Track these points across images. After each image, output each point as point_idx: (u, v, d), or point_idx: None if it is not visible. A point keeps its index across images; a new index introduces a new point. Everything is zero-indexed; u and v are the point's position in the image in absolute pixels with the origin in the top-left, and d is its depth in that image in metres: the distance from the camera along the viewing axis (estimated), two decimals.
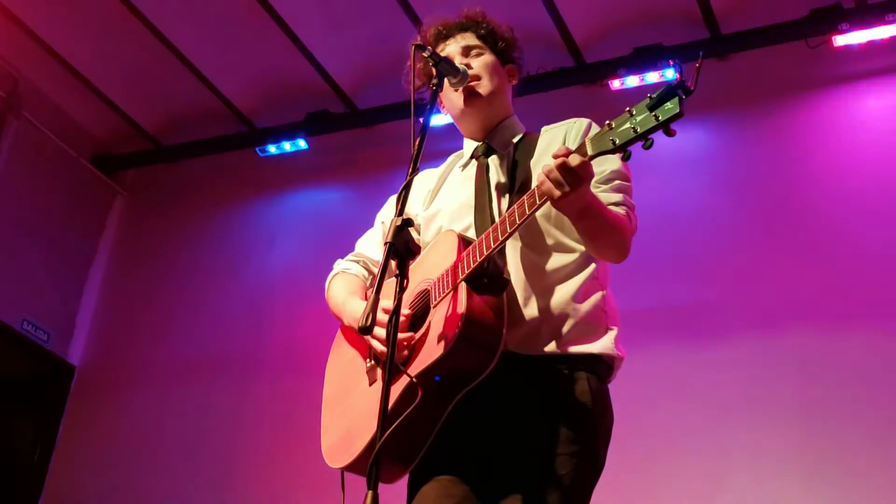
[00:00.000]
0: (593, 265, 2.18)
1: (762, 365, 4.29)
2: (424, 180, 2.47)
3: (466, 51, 2.38)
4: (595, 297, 2.14)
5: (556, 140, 2.28)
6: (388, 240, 1.90)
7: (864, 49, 4.70)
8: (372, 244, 2.49)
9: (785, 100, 4.89)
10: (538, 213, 2.04)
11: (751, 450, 4.14)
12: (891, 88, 4.76)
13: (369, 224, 2.57)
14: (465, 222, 2.22)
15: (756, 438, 4.15)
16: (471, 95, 2.32)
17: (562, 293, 2.11)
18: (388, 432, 1.73)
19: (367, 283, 2.43)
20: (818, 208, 4.56)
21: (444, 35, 2.43)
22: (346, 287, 2.39)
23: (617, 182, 2.16)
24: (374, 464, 1.70)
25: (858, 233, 4.41)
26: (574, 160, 1.82)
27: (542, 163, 2.18)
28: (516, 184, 2.21)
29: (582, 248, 2.15)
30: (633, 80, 5.01)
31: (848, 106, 4.79)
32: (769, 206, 4.67)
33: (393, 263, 1.94)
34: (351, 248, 2.54)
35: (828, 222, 4.50)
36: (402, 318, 2.07)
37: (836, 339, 4.22)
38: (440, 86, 2.27)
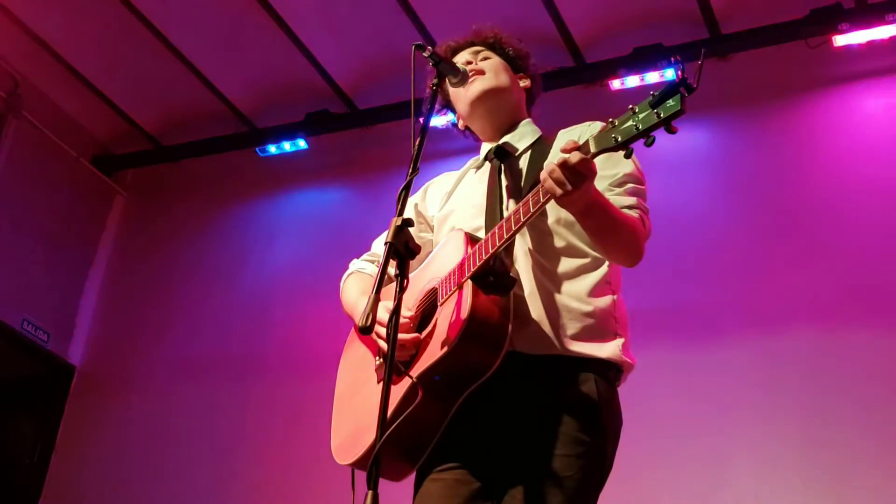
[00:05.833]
0: (605, 269, 2.16)
1: (762, 366, 4.28)
2: (443, 183, 2.50)
3: (475, 55, 2.43)
4: (605, 301, 2.13)
5: None
6: (388, 240, 1.90)
7: (864, 49, 4.70)
8: None
9: (785, 100, 4.89)
10: (549, 217, 2.04)
11: (750, 451, 4.14)
12: (891, 88, 4.75)
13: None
14: (477, 223, 2.23)
15: (756, 440, 4.15)
16: (476, 88, 2.34)
17: (571, 294, 2.10)
18: (387, 433, 1.73)
19: None
20: (818, 208, 4.56)
21: (455, 50, 2.47)
22: (358, 287, 2.40)
23: (630, 185, 2.16)
24: (373, 464, 1.70)
25: (859, 233, 4.40)
26: (574, 157, 1.82)
27: None
28: (529, 185, 2.20)
29: (594, 252, 2.15)
30: (633, 80, 5.01)
31: (848, 106, 4.79)
32: (769, 206, 4.66)
33: (393, 264, 1.94)
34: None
35: (828, 222, 4.49)
36: (405, 320, 2.07)
37: (836, 341, 4.21)
38: (440, 86, 2.28)
